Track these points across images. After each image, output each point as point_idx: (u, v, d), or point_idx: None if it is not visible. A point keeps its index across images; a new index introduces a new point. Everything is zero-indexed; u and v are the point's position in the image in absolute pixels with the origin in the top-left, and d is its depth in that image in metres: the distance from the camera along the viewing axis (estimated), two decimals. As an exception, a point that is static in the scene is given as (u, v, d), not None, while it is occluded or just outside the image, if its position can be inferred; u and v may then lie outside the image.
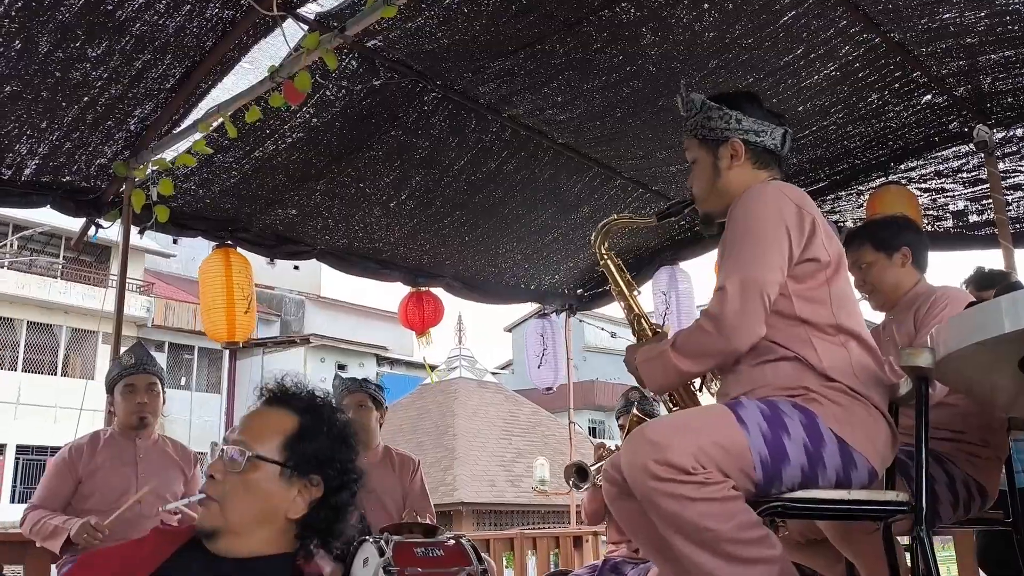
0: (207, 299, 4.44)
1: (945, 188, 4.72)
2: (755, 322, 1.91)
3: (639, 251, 5.80)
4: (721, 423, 1.83)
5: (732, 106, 2.15)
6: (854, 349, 1.95)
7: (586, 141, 4.51)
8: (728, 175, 2.13)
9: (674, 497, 1.75)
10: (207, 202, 4.44)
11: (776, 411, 1.86)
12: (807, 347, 1.92)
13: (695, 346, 1.97)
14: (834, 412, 1.86)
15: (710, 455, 1.77)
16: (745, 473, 1.80)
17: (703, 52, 3.76)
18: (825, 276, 1.98)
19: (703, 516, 1.73)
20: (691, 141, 2.22)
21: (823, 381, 1.90)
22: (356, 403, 3.84)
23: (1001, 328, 1.41)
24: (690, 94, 2.21)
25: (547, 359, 6.13)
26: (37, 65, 3.41)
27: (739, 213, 2.01)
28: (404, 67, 3.78)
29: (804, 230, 1.96)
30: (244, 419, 1.75)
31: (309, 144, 4.15)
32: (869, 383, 1.92)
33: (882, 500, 1.87)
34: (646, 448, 1.79)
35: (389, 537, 3.34)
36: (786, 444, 1.81)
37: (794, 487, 1.84)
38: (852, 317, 1.99)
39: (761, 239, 1.95)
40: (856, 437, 1.86)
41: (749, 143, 2.13)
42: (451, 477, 17.02)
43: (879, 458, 1.90)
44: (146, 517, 3.30)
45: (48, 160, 3.94)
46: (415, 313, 5.38)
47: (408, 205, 4.79)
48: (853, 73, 3.97)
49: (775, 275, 1.93)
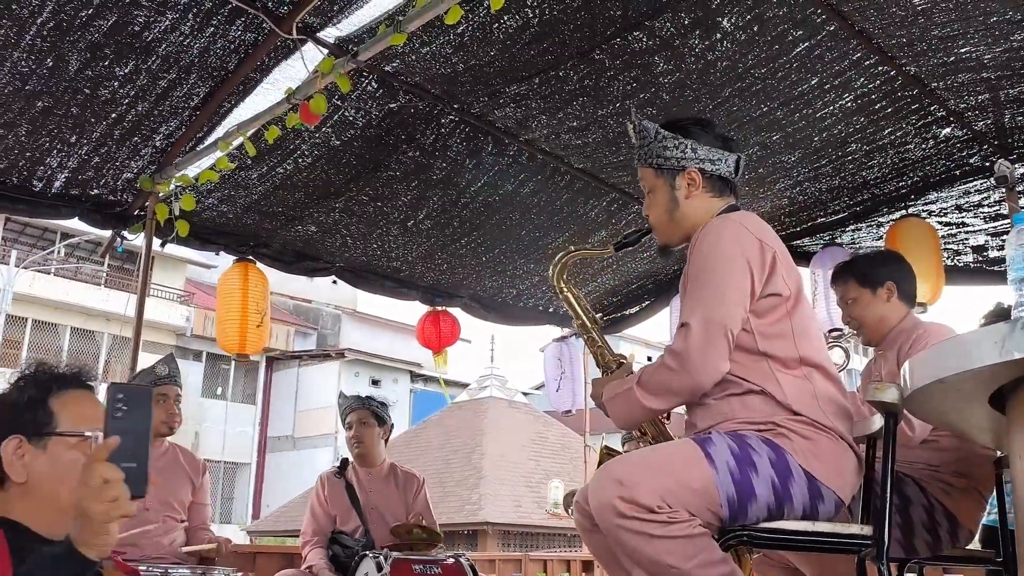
0: (223, 311, 4.55)
1: (965, 222, 4.68)
2: (718, 359, 1.92)
3: (658, 275, 5.82)
4: (690, 462, 1.85)
5: (686, 135, 2.17)
6: (817, 380, 1.96)
7: (602, 166, 4.54)
8: (686, 204, 2.16)
9: (638, 534, 1.77)
10: (229, 217, 4.56)
11: (744, 447, 1.87)
12: (770, 381, 1.94)
13: (660, 384, 1.99)
14: (802, 447, 1.87)
15: (677, 496, 1.79)
16: (711, 510, 1.82)
17: (716, 80, 3.79)
18: (786, 309, 1.99)
19: (666, 553, 1.75)
20: (646, 170, 2.23)
21: (789, 415, 1.91)
22: (358, 420, 3.97)
23: (964, 364, 1.40)
24: (642, 121, 2.23)
25: (565, 382, 6.15)
26: (67, 82, 3.54)
27: (702, 248, 2.03)
28: (421, 90, 3.86)
29: (765, 265, 1.98)
30: None
31: (328, 163, 4.24)
32: (833, 414, 1.93)
33: (846, 532, 1.88)
34: (613, 487, 1.82)
35: (388, 553, 3.40)
36: (754, 482, 1.83)
37: (759, 521, 1.85)
38: (814, 348, 2.00)
39: (723, 275, 1.96)
40: (824, 471, 1.87)
41: (705, 172, 2.15)
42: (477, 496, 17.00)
43: (847, 488, 1.91)
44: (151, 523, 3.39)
45: (77, 173, 4.09)
46: (432, 332, 5.45)
47: (425, 225, 4.86)
48: (870, 104, 3.97)
49: (737, 311, 1.94)
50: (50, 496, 1.54)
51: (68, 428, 1.58)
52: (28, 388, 1.61)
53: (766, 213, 4.90)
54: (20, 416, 1.57)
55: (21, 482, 1.53)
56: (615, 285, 5.86)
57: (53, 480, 1.54)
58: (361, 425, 4.01)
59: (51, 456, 1.55)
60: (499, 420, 20.29)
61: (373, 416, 4.04)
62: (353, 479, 3.96)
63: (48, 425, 1.57)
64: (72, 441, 1.57)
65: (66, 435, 1.56)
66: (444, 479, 17.81)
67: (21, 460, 1.53)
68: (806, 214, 5.01)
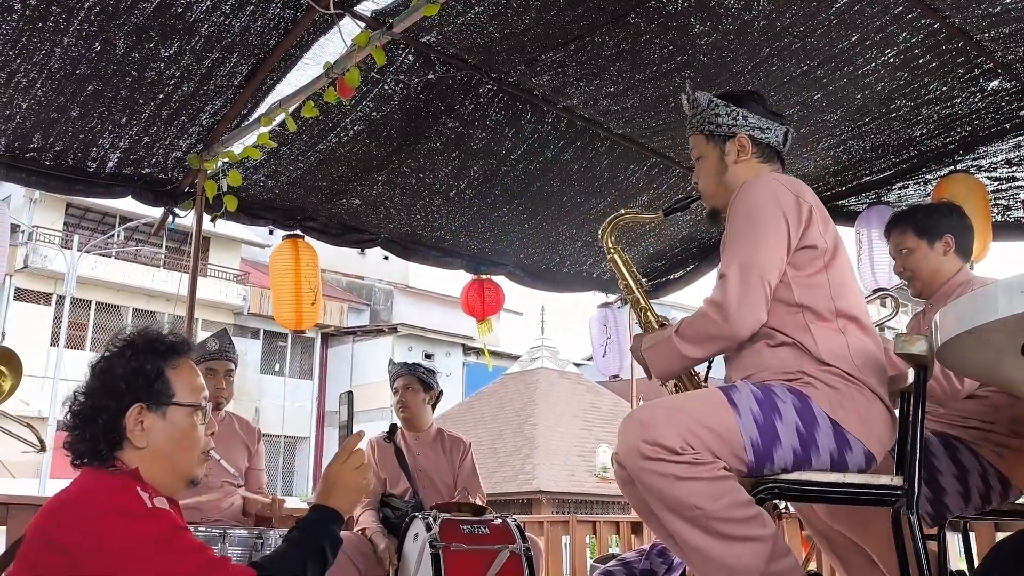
0: (277, 288, 4.66)
1: (1015, 177, 4.57)
2: (757, 308, 1.96)
3: (702, 238, 5.80)
4: (712, 406, 1.89)
5: (738, 103, 2.24)
6: (853, 333, 1.98)
7: (642, 131, 4.54)
8: (735, 169, 2.20)
9: (663, 476, 1.81)
10: (276, 192, 4.66)
11: (769, 395, 1.90)
12: (805, 333, 1.97)
13: (699, 332, 2.03)
14: (828, 396, 1.90)
15: (700, 436, 1.83)
16: (736, 455, 1.85)
17: (754, 40, 3.75)
18: (823, 262, 2.02)
19: (691, 495, 1.79)
20: (697, 138, 2.30)
21: (820, 366, 1.94)
22: (404, 385, 4.11)
23: (990, 315, 1.39)
24: (695, 93, 2.28)
25: (611, 347, 6.18)
26: (115, 65, 3.65)
27: (738, 204, 2.08)
28: (458, 60, 3.89)
29: (801, 218, 2.01)
30: None
31: (370, 136, 4.31)
32: (866, 368, 1.95)
33: (876, 484, 1.89)
34: (637, 430, 1.87)
35: (437, 514, 3.49)
36: (778, 427, 1.86)
37: (787, 468, 1.88)
38: (851, 301, 2.02)
39: (760, 228, 2.00)
40: (850, 420, 1.88)
41: (755, 139, 2.20)
42: (531, 466, 17.17)
43: (877, 442, 1.92)
44: (211, 489, 3.53)
45: (128, 153, 4.21)
46: (476, 300, 5.51)
47: (467, 194, 4.91)
48: (913, 60, 3.89)
49: (775, 262, 1.98)
50: (167, 460, 1.69)
51: (184, 398, 1.72)
52: (145, 358, 1.72)
53: (810, 173, 4.85)
54: (139, 385, 1.69)
55: (141, 447, 1.65)
56: (659, 249, 5.85)
57: (171, 446, 1.69)
58: (407, 390, 4.12)
59: (169, 423, 1.69)
60: (550, 391, 20.41)
61: (419, 382, 4.15)
62: (402, 443, 4.06)
63: (167, 395, 1.70)
64: (187, 410, 1.71)
65: (183, 405, 1.71)
66: (498, 449, 18.01)
67: (141, 427, 1.66)
68: (851, 173, 4.93)
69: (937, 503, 2.32)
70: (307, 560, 1.64)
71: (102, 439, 1.64)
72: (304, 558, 1.65)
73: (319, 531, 1.70)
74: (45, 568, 1.52)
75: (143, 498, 1.58)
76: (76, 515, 1.53)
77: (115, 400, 1.66)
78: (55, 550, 1.50)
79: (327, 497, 1.76)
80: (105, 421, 1.64)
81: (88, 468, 1.65)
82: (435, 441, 4.17)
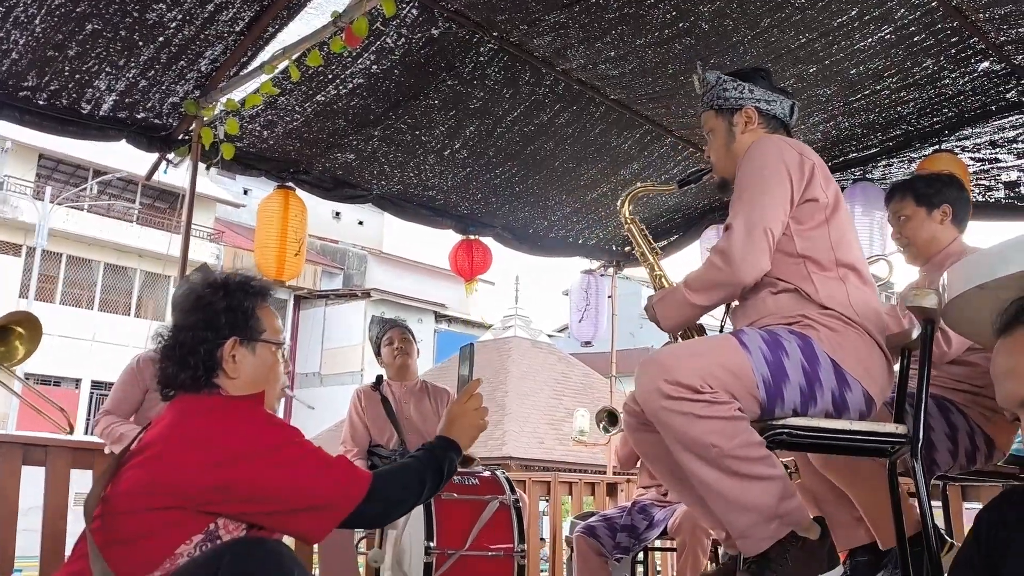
0: (261, 237, 4.66)
1: (998, 158, 4.67)
2: (760, 256, 2.06)
3: (687, 210, 5.87)
4: (725, 347, 1.98)
5: (745, 79, 2.38)
6: (852, 282, 2.09)
7: (638, 97, 4.58)
8: (742, 138, 2.33)
9: (684, 415, 1.90)
10: (270, 143, 4.66)
11: (775, 336, 2.01)
12: (806, 281, 2.07)
13: (705, 280, 2.14)
14: (828, 336, 2.00)
15: (717, 376, 1.92)
16: (750, 393, 1.95)
17: (756, 10, 3.79)
18: (824, 215, 2.13)
19: (709, 433, 1.88)
20: (708, 114, 2.43)
21: (820, 310, 2.05)
22: (400, 335, 4.28)
23: (1003, 270, 1.40)
24: (705, 72, 2.40)
25: (588, 314, 6.27)
26: (117, 4, 3.62)
27: (746, 162, 2.21)
28: (462, 17, 3.91)
29: (804, 173, 2.13)
30: None
31: (368, 90, 4.31)
32: (865, 315, 2.06)
33: (882, 432, 1.98)
34: (657, 370, 1.95)
35: (427, 463, 3.55)
36: (785, 364, 1.96)
37: (796, 408, 1.97)
38: (851, 252, 2.13)
39: (764, 181, 2.12)
40: (849, 361, 1.99)
41: (761, 110, 2.34)
42: (500, 432, 17.31)
43: (875, 385, 2.02)
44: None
45: (124, 96, 4.18)
46: (464, 260, 5.56)
47: (461, 154, 4.94)
48: (908, 37, 3.95)
49: (778, 213, 2.08)
50: (253, 391, 1.82)
51: (271, 336, 1.87)
52: (241, 296, 1.85)
53: (799, 147, 4.92)
54: (236, 320, 1.82)
55: (234, 378, 1.79)
56: (643, 219, 5.91)
57: (259, 378, 1.83)
58: (403, 340, 4.28)
59: (258, 358, 1.84)
60: (522, 359, 20.52)
61: (410, 333, 4.35)
62: (388, 393, 4.13)
63: (258, 331, 1.85)
64: (273, 347, 1.86)
65: (271, 343, 1.87)
66: (468, 416, 18.06)
67: (234, 359, 1.79)
68: (838, 149, 5.02)
69: (928, 459, 2.43)
70: (425, 473, 1.82)
71: (202, 368, 1.77)
72: (423, 472, 1.82)
73: (441, 454, 1.88)
74: (189, 476, 1.59)
75: (259, 411, 1.76)
76: (209, 427, 1.67)
77: (214, 332, 1.79)
78: (197, 461, 1.60)
79: (449, 431, 1.95)
80: (206, 351, 1.77)
81: (185, 394, 1.78)
82: (421, 391, 4.27)
